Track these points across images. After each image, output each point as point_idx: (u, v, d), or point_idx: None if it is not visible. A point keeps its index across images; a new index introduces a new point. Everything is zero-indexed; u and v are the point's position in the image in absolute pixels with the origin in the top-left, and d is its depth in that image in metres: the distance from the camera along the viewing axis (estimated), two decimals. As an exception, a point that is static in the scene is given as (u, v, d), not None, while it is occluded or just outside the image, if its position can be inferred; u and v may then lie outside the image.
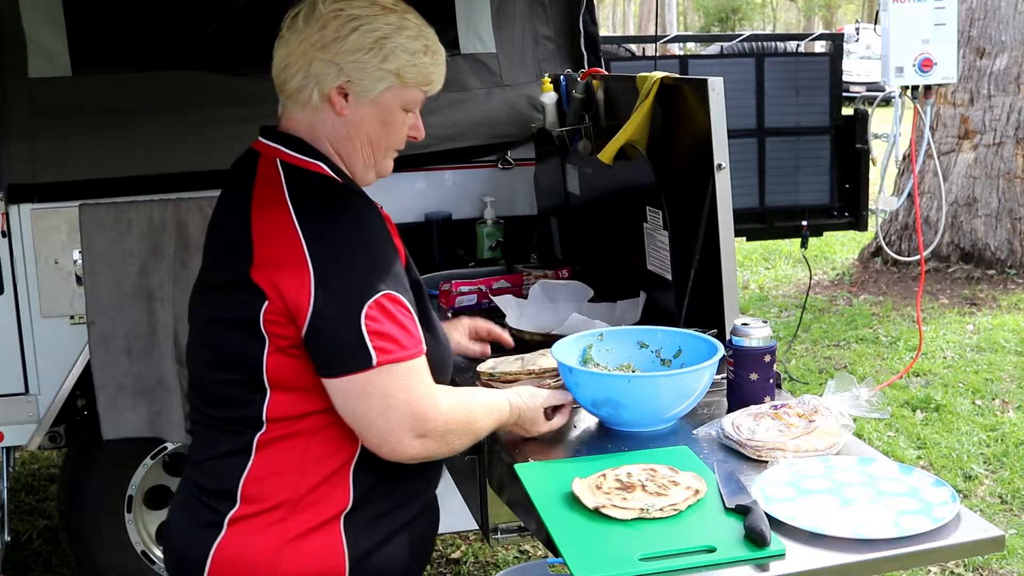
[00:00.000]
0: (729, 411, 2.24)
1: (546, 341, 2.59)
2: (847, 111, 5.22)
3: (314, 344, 1.74)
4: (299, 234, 1.75)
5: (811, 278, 7.57)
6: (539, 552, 3.90)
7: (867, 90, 16.67)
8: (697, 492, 1.82)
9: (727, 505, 1.80)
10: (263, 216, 1.80)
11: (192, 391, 1.93)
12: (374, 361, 1.71)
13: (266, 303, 1.75)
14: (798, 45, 11.59)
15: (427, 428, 1.77)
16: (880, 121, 5.39)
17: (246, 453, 1.81)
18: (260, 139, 1.94)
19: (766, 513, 1.76)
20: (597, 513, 1.78)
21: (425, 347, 1.79)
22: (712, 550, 1.67)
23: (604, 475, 1.88)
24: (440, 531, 2.11)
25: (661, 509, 1.77)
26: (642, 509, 1.77)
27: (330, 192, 1.84)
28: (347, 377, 1.73)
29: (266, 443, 1.81)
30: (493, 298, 3.17)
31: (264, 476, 1.81)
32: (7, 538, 3.44)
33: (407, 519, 1.92)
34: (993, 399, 5.45)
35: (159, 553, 3.58)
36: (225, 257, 1.85)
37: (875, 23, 4.26)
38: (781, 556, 1.66)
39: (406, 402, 1.74)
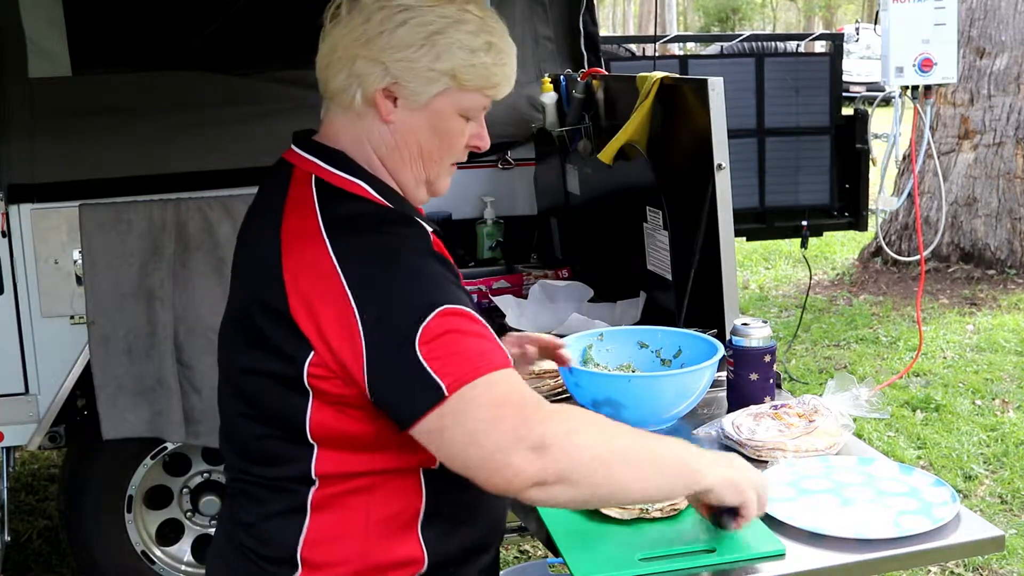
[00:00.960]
0: (729, 411, 2.25)
1: (546, 341, 2.59)
2: (847, 111, 5.22)
3: (382, 398, 1.49)
4: (340, 277, 1.49)
5: (811, 278, 7.56)
6: (539, 552, 3.90)
7: (867, 90, 16.65)
8: None
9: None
10: (296, 249, 1.54)
11: (224, 440, 1.71)
12: (444, 391, 1.43)
13: (311, 355, 1.51)
14: (798, 45, 11.60)
15: (539, 435, 1.43)
16: (880, 121, 5.39)
17: (301, 513, 1.59)
18: (293, 148, 1.68)
19: (766, 513, 1.76)
20: (597, 513, 1.78)
21: (509, 358, 1.51)
22: (712, 550, 1.67)
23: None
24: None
25: (660, 509, 1.77)
26: (641, 509, 1.77)
27: (373, 220, 1.58)
28: (424, 419, 1.45)
29: (322, 502, 1.59)
30: (493, 298, 3.18)
31: (324, 539, 1.59)
32: (7, 538, 3.44)
33: (482, 567, 1.72)
34: (993, 399, 5.44)
35: (159, 553, 3.58)
36: (257, 295, 1.58)
37: (875, 23, 4.26)
38: (781, 556, 1.66)
39: (495, 418, 1.44)
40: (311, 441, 1.56)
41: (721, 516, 1.65)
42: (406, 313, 1.46)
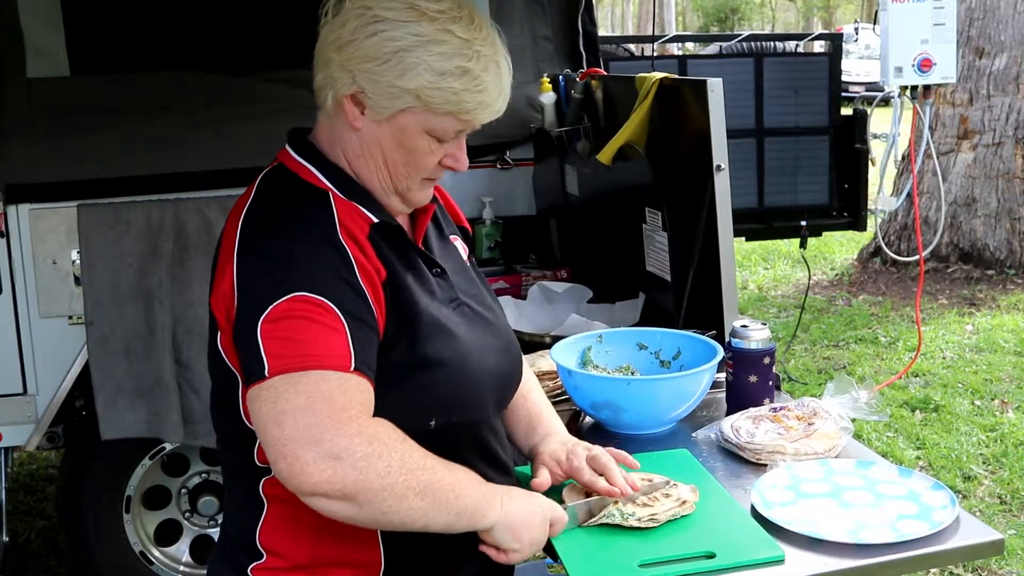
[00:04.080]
0: (728, 413, 2.24)
1: (545, 342, 2.59)
2: (846, 111, 5.22)
3: (238, 360, 1.53)
4: (235, 243, 1.56)
5: (810, 278, 7.56)
6: (538, 552, 3.90)
7: (866, 90, 16.65)
8: (684, 503, 1.79)
9: None
10: (226, 229, 1.63)
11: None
12: (266, 371, 1.44)
13: (219, 333, 1.58)
14: (797, 45, 11.60)
15: (340, 447, 1.40)
16: (879, 121, 5.39)
17: (259, 502, 1.62)
18: (286, 144, 1.72)
19: (765, 517, 1.76)
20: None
21: (356, 364, 1.47)
22: (711, 556, 1.66)
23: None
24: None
25: (639, 519, 1.75)
26: (623, 515, 1.75)
27: (289, 194, 1.61)
28: (249, 389, 1.47)
29: (274, 492, 1.60)
30: (492, 299, 3.17)
31: (280, 528, 1.61)
32: (5, 539, 3.43)
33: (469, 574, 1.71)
34: (992, 399, 5.44)
35: (157, 553, 3.57)
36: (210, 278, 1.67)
37: (874, 23, 4.26)
38: (780, 561, 1.66)
39: (308, 408, 1.42)
40: (250, 427, 1.56)
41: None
42: (265, 288, 1.49)
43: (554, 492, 1.81)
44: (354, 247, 1.56)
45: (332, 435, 1.41)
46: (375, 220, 1.63)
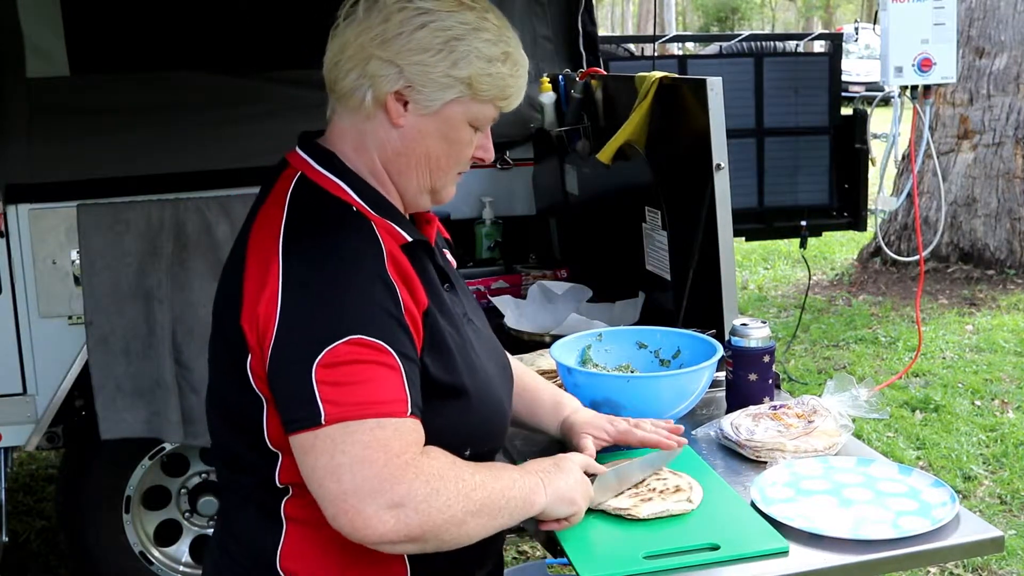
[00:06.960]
0: (728, 411, 2.24)
1: (545, 341, 2.59)
2: (846, 111, 5.22)
3: (274, 399, 1.48)
4: (278, 268, 1.49)
5: (810, 278, 7.56)
6: (538, 552, 3.90)
7: (866, 90, 16.68)
8: (690, 501, 1.80)
9: None
10: (257, 245, 1.55)
11: (211, 437, 1.71)
12: (322, 418, 1.40)
13: (249, 356, 1.50)
14: (797, 45, 11.58)
15: (400, 494, 1.39)
16: (879, 121, 5.39)
17: (277, 524, 1.58)
18: (296, 148, 1.65)
19: (765, 514, 1.76)
20: (601, 512, 1.77)
21: (411, 407, 1.45)
22: (716, 548, 1.67)
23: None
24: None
25: (625, 509, 1.76)
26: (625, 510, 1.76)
27: (331, 218, 1.56)
28: (299, 435, 1.43)
29: (295, 513, 1.56)
30: (491, 298, 3.17)
31: (301, 552, 1.57)
32: (5, 539, 3.43)
33: None
34: (992, 399, 5.44)
35: (157, 554, 3.57)
36: (223, 289, 1.60)
37: (874, 23, 4.26)
38: (784, 553, 1.66)
39: (365, 459, 1.39)
40: (273, 449, 1.53)
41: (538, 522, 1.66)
42: (318, 329, 1.44)
43: None
44: (399, 280, 1.52)
45: (391, 484, 1.39)
46: (408, 239, 1.59)
